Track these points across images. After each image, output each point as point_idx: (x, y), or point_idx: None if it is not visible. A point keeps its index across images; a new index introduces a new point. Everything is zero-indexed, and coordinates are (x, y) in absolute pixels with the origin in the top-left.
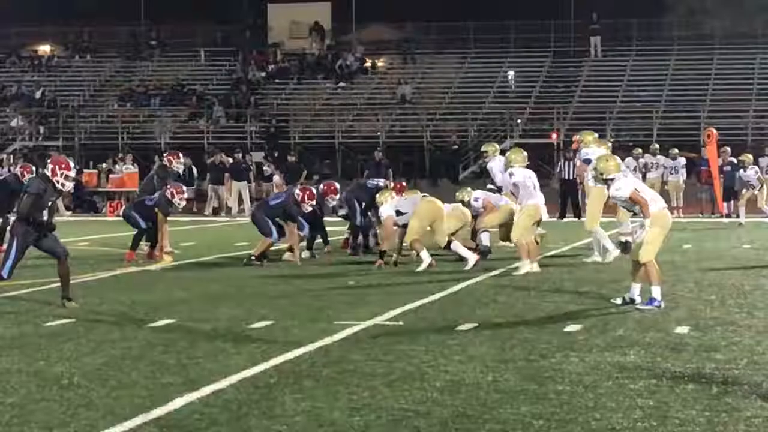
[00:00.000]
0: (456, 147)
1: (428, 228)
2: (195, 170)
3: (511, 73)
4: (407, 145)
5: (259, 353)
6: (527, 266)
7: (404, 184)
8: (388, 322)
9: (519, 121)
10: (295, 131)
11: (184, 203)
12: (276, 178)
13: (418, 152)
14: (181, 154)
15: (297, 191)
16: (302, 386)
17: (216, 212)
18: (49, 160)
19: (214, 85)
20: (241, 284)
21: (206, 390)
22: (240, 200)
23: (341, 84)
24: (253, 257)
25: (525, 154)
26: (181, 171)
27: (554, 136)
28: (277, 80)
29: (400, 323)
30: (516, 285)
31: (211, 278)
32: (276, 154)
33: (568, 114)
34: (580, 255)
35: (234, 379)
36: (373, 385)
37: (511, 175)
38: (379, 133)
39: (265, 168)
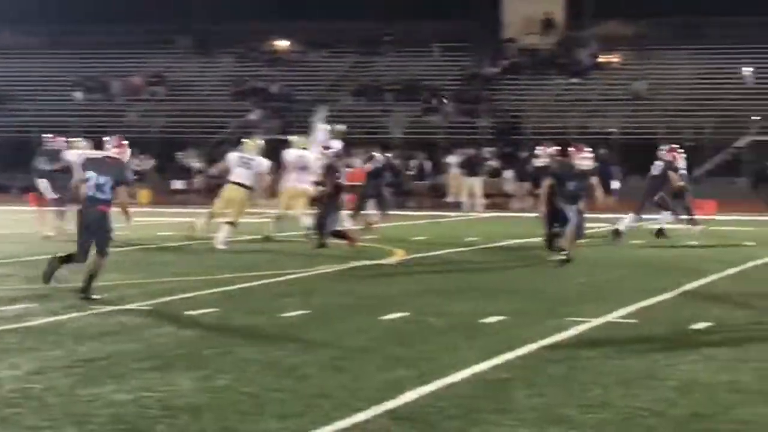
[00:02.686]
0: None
1: None
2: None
3: (747, 69)
4: (641, 142)
5: (491, 348)
6: None
7: None
8: (621, 320)
9: (756, 117)
10: (527, 127)
11: None
12: (507, 173)
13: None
14: None
15: None
16: (534, 382)
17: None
18: None
19: (447, 80)
20: (472, 279)
21: (438, 383)
22: (472, 194)
23: (574, 80)
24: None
25: None
26: None
27: None
28: (510, 75)
29: (635, 321)
30: (753, 283)
31: (442, 272)
32: (506, 150)
33: None
34: None
35: (466, 373)
36: (606, 383)
37: None
38: (612, 130)
39: (490, 163)
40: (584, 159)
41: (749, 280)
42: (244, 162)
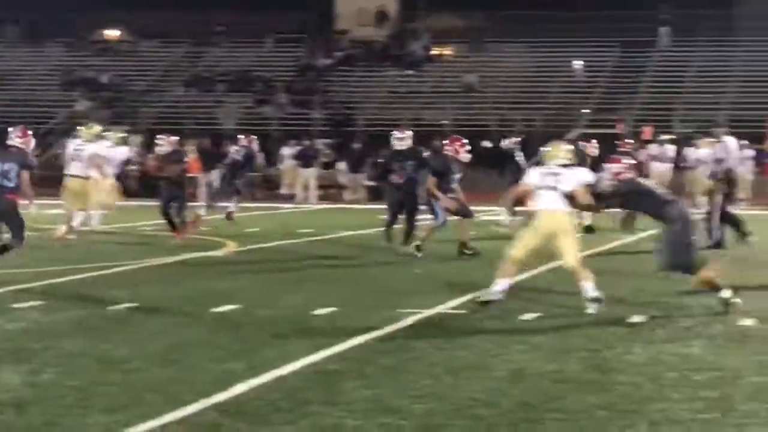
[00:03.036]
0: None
1: None
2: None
3: (578, 63)
4: (473, 134)
5: (322, 340)
6: None
7: None
8: (452, 311)
9: (586, 110)
10: (360, 119)
11: None
12: (340, 165)
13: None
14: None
15: None
16: (364, 373)
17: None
18: None
19: (280, 71)
20: (304, 271)
21: (268, 376)
22: (306, 186)
23: (408, 72)
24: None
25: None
26: None
27: (621, 126)
28: (343, 67)
29: (464, 312)
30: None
31: (275, 264)
32: (339, 142)
33: (635, 104)
34: (644, 247)
35: (297, 365)
36: (436, 374)
37: None
38: (444, 122)
39: (325, 155)
40: (464, 152)
41: (564, 271)
42: (77, 152)
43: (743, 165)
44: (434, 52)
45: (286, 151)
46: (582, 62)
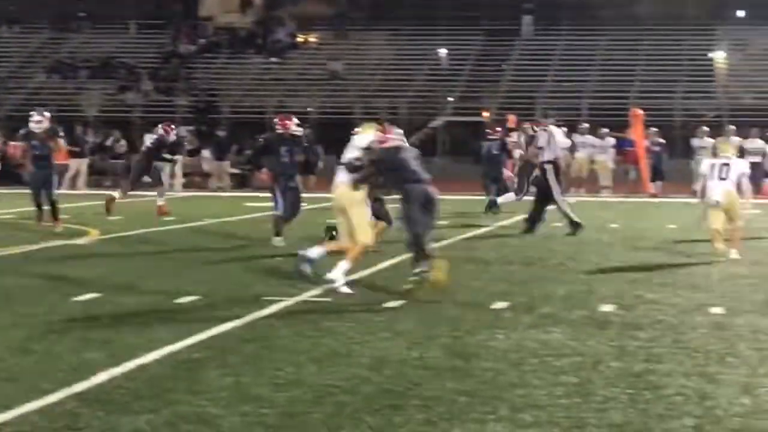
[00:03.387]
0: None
1: None
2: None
3: (442, 51)
4: (338, 121)
5: (184, 328)
6: None
7: None
8: (315, 299)
9: (450, 98)
10: (225, 106)
11: None
12: (204, 152)
13: (350, 129)
14: None
15: None
16: (227, 361)
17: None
18: None
19: (144, 58)
20: (168, 259)
21: (130, 365)
22: (171, 174)
23: (272, 59)
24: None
25: None
26: None
27: (485, 114)
28: (208, 54)
29: (328, 299)
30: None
31: (138, 252)
32: (204, 129)
33: (499, 92)
34: (508, 233)
35: (159, 353)
36: (299, 361)
37: None
38: (309, 109)
39: (186, 142)
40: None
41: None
42: None
43: (606, 153)
44: (299, 39)
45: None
46: (446, 50)
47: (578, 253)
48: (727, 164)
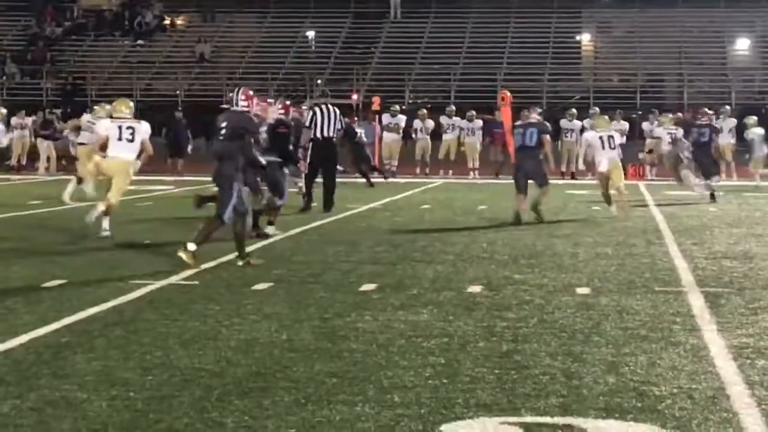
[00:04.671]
0: None
1: None
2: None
3: (311, 33)
4: (206, 104)
5: (50, 313)
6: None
7: None
8: (183, 282)
9: (319, 81)
10: (92, 89)
11: None
12: (71, 136)
13: (219, 112)
14: None
15: None
16: (94, 346)
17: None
18: None
19: (8, 40)
20: (33, 243)
21: None
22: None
23: (139, 42)
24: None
25: None
26: None
27: (354, 96)
28: (74, 36)
29: (196, 283)
30: (312, 245)
31: (2, 236)
32: (62, 112)
33: (368, 75)
34: (377, 215)
35: (24, 338)
36: (167, 345)
37: None
38: (178, 92)
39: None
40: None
41: (308, 241)
42: None
43: (474, 135)
44: (166, 21)
45: (15, 121)
46: (314, 32)
47: (446, 234)
48: (611, 136)
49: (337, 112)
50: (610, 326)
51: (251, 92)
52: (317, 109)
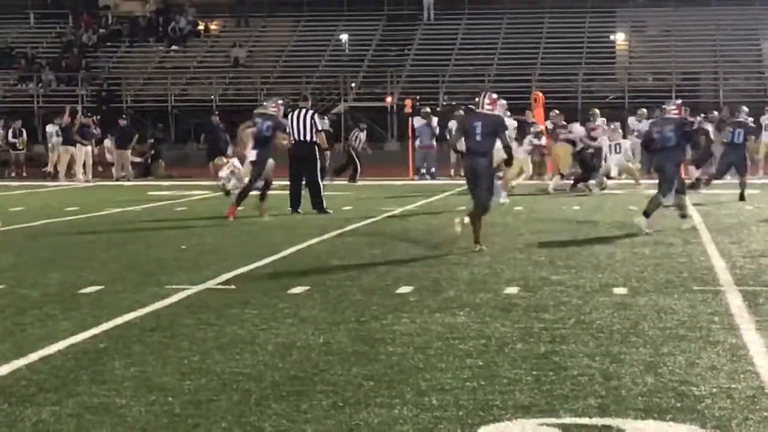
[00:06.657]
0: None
1: None
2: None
3: (344, 36)
4: (241, 108)
5: (88, 319)
6: None
7: None
8: (220, 286)
9: (353, 84)
10: (127, 95)
11: None
12: (107, 142)
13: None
14: None
15: None
16: (132, 351)
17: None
18: None
19: (44, 47)
20: (71, 249)
21: (33, 356)
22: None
23: (174, 47)
24: None
25: None
26: None
27: (388, 99)
28: (108, 43)
29: (232, 287)
30: (348, 247)
31: (40, 243)
32: (99, 118)
33: (402, 77)
34: (414, 216)
35: (62, 345)
36: (204, 350)
37: None
38: (212, 97)
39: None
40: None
41: (343, 244)
42: None
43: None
44: (200, 27)
45: (51, 128)
46: (348, 36)
47: (483, 236)
48: (619, 143)
49: (315, 115)
50: (648, 326)
51: (495, 96)
52: (292, 114)
